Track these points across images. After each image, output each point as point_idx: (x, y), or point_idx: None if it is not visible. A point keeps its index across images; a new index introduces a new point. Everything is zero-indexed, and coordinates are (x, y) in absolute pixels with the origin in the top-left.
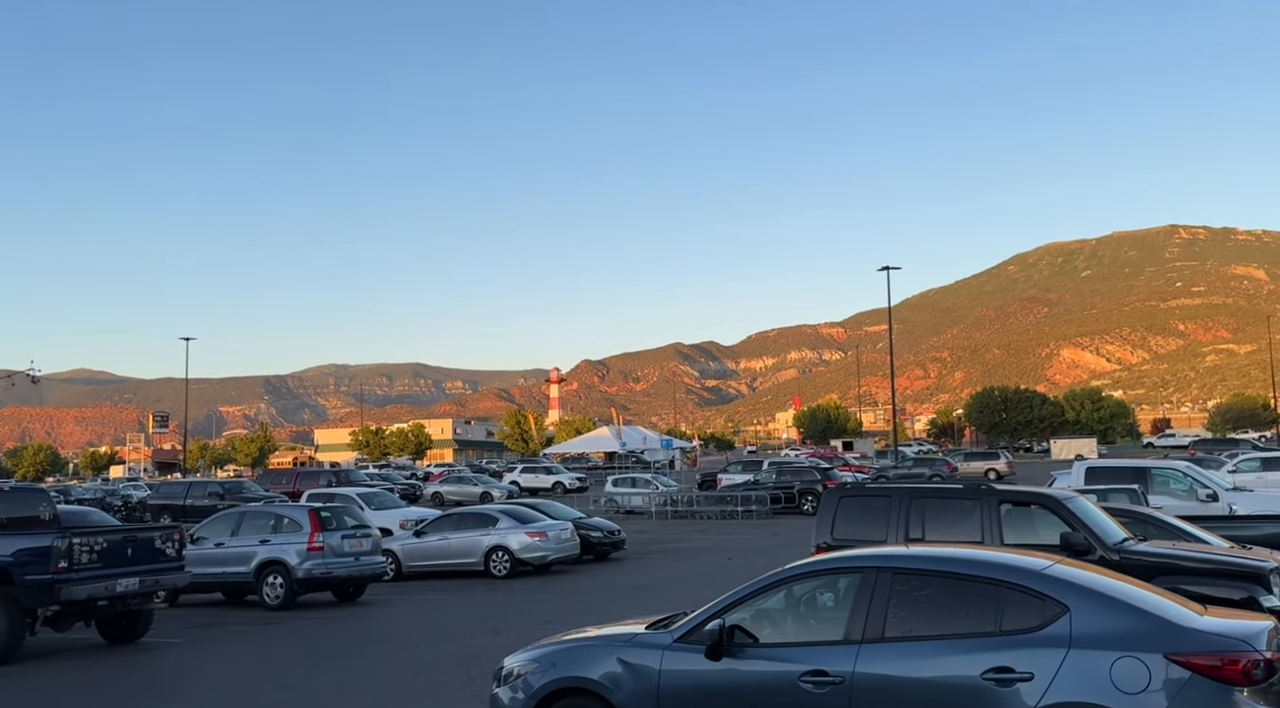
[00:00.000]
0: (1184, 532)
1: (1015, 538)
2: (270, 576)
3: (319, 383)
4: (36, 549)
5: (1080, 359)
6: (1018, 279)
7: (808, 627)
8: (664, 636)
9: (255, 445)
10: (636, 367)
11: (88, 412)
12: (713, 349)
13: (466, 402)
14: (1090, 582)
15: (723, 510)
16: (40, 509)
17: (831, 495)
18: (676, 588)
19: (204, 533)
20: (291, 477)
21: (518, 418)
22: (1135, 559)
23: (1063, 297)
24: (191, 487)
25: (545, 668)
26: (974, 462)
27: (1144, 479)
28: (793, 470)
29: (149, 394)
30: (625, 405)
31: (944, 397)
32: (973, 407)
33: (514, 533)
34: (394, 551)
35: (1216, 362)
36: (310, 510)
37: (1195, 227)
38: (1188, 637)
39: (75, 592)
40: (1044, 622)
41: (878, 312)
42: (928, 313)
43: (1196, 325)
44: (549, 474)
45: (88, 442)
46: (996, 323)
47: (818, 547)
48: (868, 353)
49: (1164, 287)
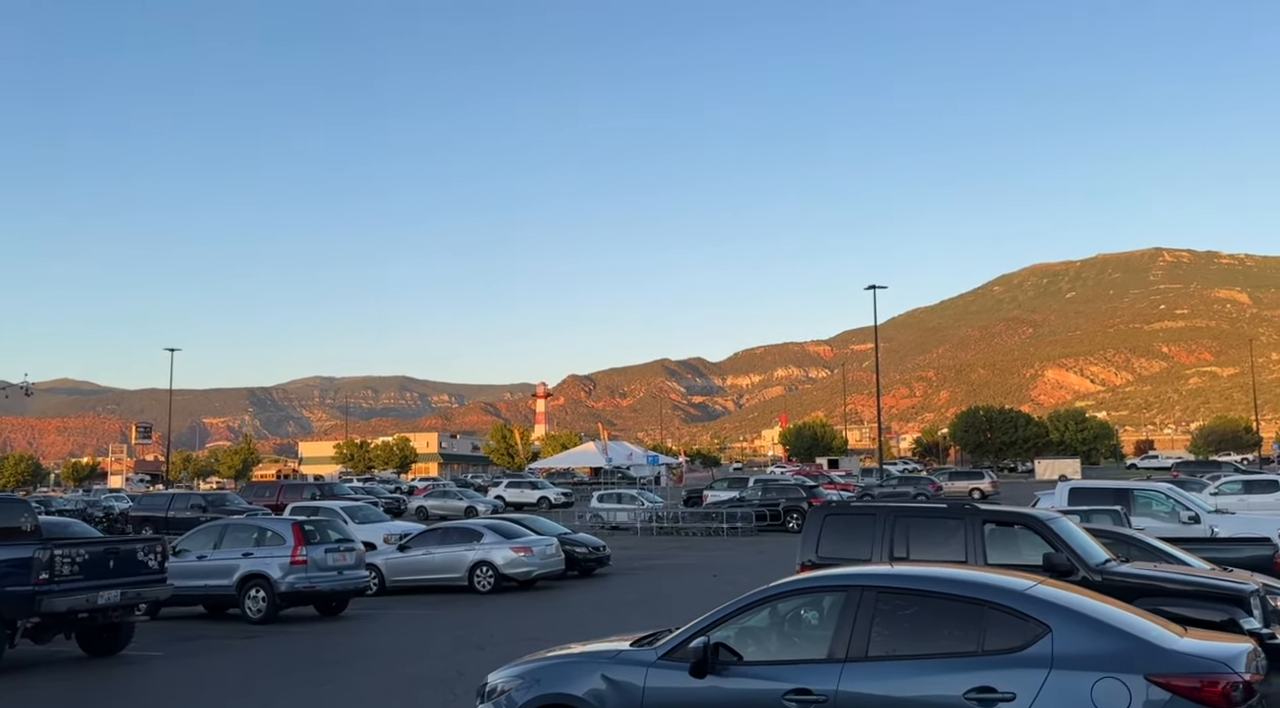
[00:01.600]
0: (1166, 554)
1: (999, 558)
2: (253, 589)
3: (304, 395)
4: (17, 560)
5: (1064, 380)
6: (1003, 300)
7: (792, 645)
8: (648, 653)
9: (239, 457)
10: (623, 382)
11: (70, 422)
12: (700, 366)
13: (452, 415)
14: (1072, 603)
15: (708, 527)
16: (21, 520)
17: (816, 513)
18: (661, 605)
19: (186, 545)
20: (275, 490)
21: (504, 432)
22: (1117, 580)
23: (1047, 318)
24: (174, 499)
25: (529, 685)
26: (958, 481)
27: (1127, 501)
28: (778, 488)
29: (132, 405)
30: (612, 421)
31: (929, 416)
32: (958, 426)
33: (499, 548)
34: (378, 565)
35: (1199, 384)
36: (294, 524)
37: (1179, 250)
38: (1168, 658)
39: (56, 604)
40: (1026, 642)
41: (864, 330)
42: (914, 332)
43: (1180, 348)
44: (534, 489)
45: (70, 452)
46: (982, 343)
47: (802, 565)
48: (854, 371)
49: (1148, 309)
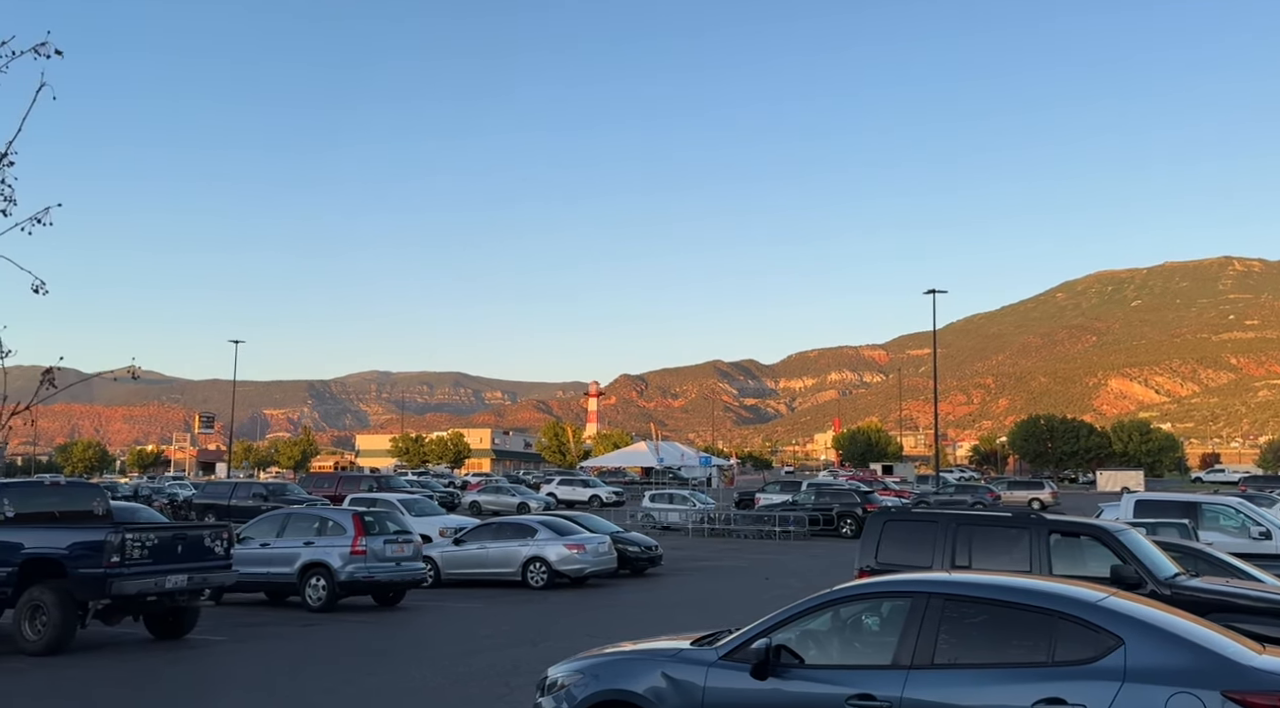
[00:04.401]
0: (1237, 569)
1: (1064, 569)
2: (313, 577)
3: (361, 389)
4: (90, 543)
5: (1128, 390)
6: (1066, 307)
7: (854, 650)
8: (709, 652)
9: (298, 448)
10: (675, 383)
11: (136, 410)
12: (752, 368)
13: (505, 412)
14: (1146, 615)
15: (760, 530)
16: (94, 504)
17: (876, 519)
18: (714, 606)
19: (250, 533)
20: (333, 481)
21: (555, 430)
22: (1188, 595)
23: (1111, 326)
24: (236, 487)
25: (589, 680)
26: (1017, 491)
27: (1194, 514)
28: (832, 492)
29: (196, 395)
30: (663, 421)
31: (987, 423)
32: (1017, 434)
33: (552, 545)
34: (433, 557)
35: (1269, 397)
36: (354, 514)
37: (1250, 259)
38: (1246, 675)
39: (126, 586)
40: (1098, 654)
41: (921, 335)
42: (972, 338)
43: (1249, 359)
44: (586, 487)
45: (135, 440)
46: (1043, 350)
47: (861, 570)
48: (909, 376)
49: (1216, 319)
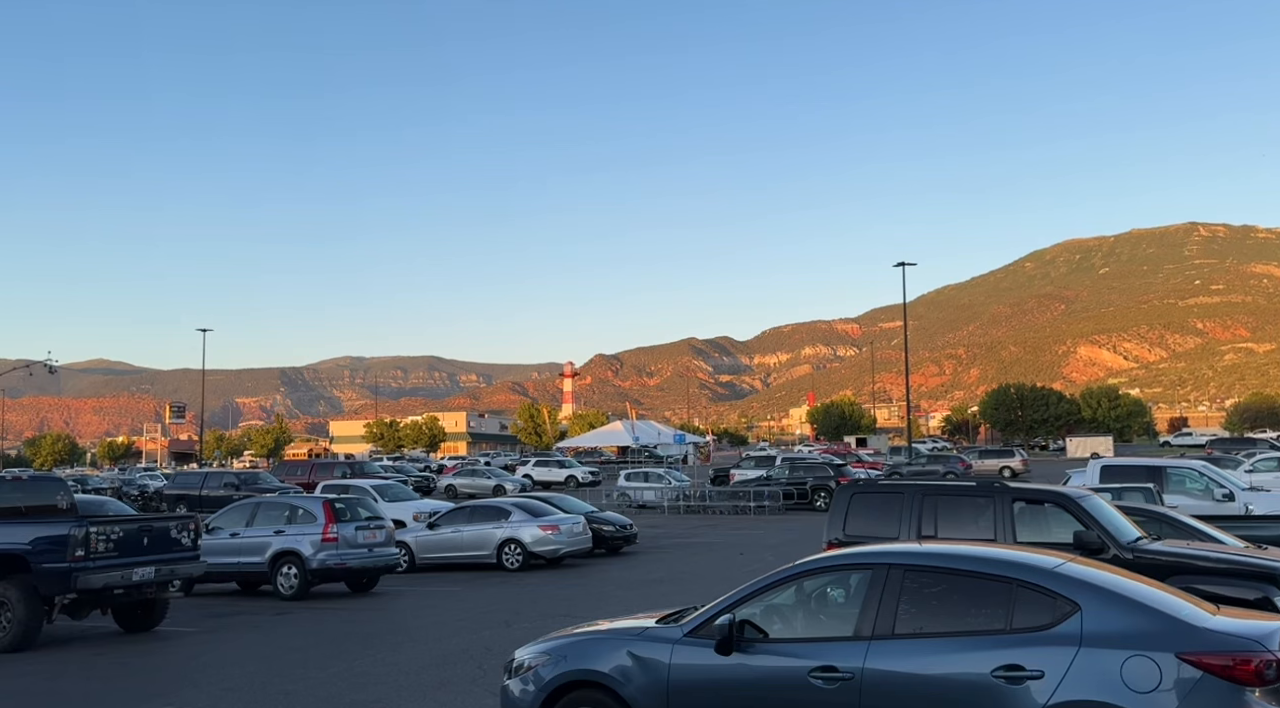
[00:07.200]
0: (1199, 531)
1: (1028, 536)
2: (284, 566)
3: (334, 375)
4: (54, 538)
5: (1097, 357)
6: (1035, 276)
7: (818, 623)
8: (674, 630)
9: (271, 437)
10: (650, 361)
11: (105, 402)
12: (727, 344)
13: (480, 395)
14: (1102, 580)
15: (735, 506)
16: (58, 498)
17: (844, 492)
18: (688, 582)
19: (219, 523)
20: (306, 468)
21: (531, 412)
22: (1149, 558)
23: (1080, 294)
24: (208, 477)
25: (556, 661)
26: (989, 459)
27: (1159, 478)
28: (806, 467)
29: (166, 385)
30: (639, 400)
31: (959, 394)
32: (988, 404)
33: (526, 526)
34: (407, 542)
35: (1235, 360)
36: (324, 502)
37: (1215, 225)
38: (1200, 636)
39: (92, 580)
40: (1055, 620)
41: (893, 308)
42: (943, 310)
43: (1215, 324)
44: (562, 468)
45: (105, 432)
46: (1013, 320)
47: (829, 543)
48: (882, 349)
49: (1182, 285)
